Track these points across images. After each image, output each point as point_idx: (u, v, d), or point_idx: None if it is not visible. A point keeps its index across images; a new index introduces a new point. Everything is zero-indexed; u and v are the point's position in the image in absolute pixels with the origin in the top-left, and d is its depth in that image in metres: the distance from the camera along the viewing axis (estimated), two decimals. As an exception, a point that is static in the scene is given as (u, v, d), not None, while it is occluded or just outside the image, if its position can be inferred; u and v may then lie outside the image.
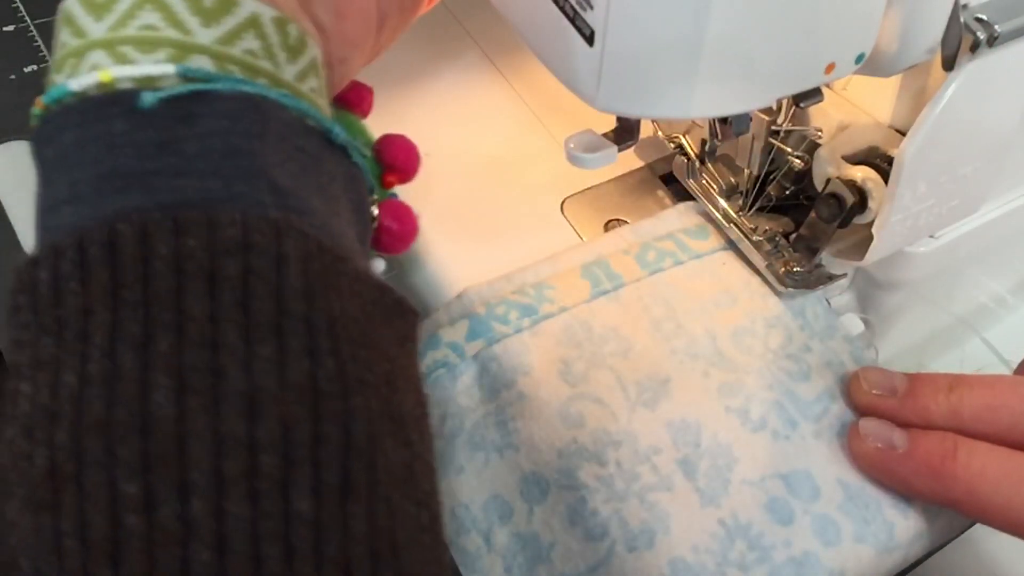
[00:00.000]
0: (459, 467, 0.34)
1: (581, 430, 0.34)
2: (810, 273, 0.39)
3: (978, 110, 0.34)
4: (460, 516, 0.34)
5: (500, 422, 0.34)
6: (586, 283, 0.38)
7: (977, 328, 0.47)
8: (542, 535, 0.33)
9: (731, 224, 0.40)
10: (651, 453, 0.34)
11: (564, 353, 0.36)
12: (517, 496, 0.34)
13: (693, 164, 0.41)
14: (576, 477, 0.33)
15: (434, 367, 0.35)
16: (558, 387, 0.35)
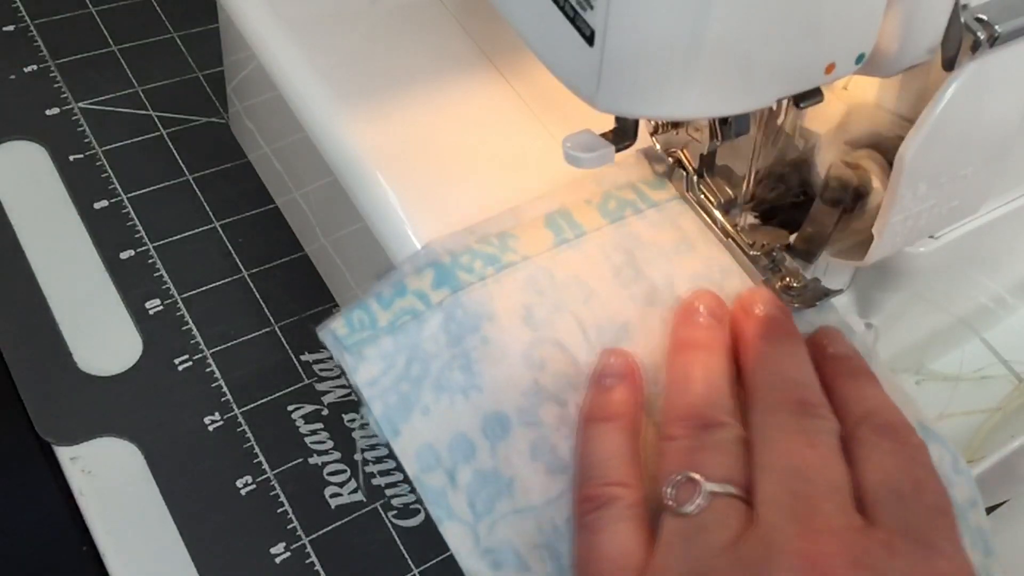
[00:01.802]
0: (425, 408, 0.35)
1: (542, 372, 0.35)
2: (806, 288, 0.39)
3: (978, 110, 0.34)
4: (425, 455, 0.34)
5: (464, 365, 0.35)
6: (549, 233, 0.39)
7: (977, 328, 0.47)
8: (503, 471, 0.34)
9: (729, 239, 0.40)
10: None
11: (527, 300, 0.37)
12: (480, 435, 0.35)
13: (691, 178, 0.41)
14: (537, 416, 0.35)
15: (401, 315, 0.36)
16: (521, 332, 0.36)
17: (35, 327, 0.47)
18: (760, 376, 0.34)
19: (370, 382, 0.35)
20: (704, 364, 0.35)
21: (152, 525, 0.41)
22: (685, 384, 0.34)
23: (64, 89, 0.56)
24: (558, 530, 0.33)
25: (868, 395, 0.34)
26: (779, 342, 0.35)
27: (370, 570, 0.42)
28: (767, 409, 0.33)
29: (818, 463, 0.31)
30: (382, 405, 0.35)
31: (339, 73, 0.43)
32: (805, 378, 0.34)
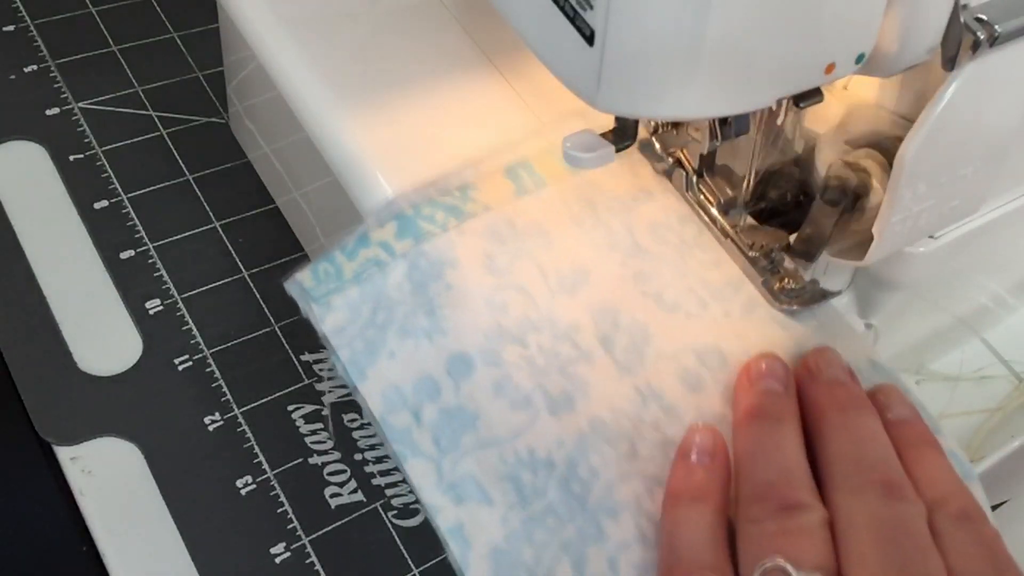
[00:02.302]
0: (390, 352, 0.36)
1: (504, 315, 0.36)
2: (805, 289, 0.39)
3: (978, 110, 0.34)
4: (390, 397, 0.35)
5: (429, 311, 0.36)
6: (509, 183, 0.39)
7: (977, 328, 0.47)
8: (468, 407, 0.35)
9: (728, 240, 0.40)
10: (571, 332, 0.36)
11: (488, 248, 0.38)
12: (444, 375, 0.35)
13: (691, 178, 0.41)
14: (500, 356, 0.35)
15: (366, 265, 0.37)
16: (483, 278, 0.37)
17: (35, 327, 0.47)
18: (839, 452, 0.33)
19: (337, 330, 0.36)
20: (777, 437, 0.33)
21: (152, 525, 0.41)
22: (760, 459, 0.33)
23: (64, 89, 0.56)
24: (521, 461, 0.34)
25: (938, 476, 0.33)
26: (854, 414, 0.34)
27: (370, 570, 0.42)
28: (851, 490, 0.32)
29: (916, 555, 0.30)
30: (349, 351, 0.36)
31: (339, 73, 0.43)
32: (887, 455, 0.33)
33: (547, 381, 0.35)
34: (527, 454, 0.34)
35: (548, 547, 0.33)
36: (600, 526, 0.33)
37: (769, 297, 0.39)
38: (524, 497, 0.33)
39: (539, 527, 0.33)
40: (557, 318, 0.37)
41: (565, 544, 0.33)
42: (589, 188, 0.40)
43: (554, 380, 0.35)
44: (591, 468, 0.34)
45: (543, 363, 0.35)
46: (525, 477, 0.34)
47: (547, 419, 0.34)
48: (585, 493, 0.33)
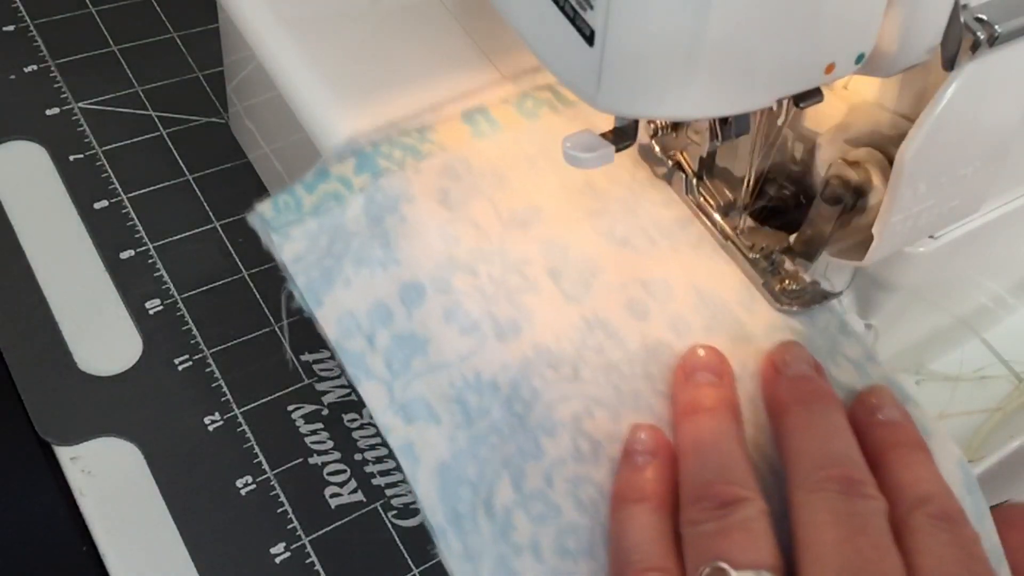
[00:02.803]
0: (346, 280, 0.37)
1: (457, 247, 0.38)
2: (805, 291, 0.39)
3: (978, 110, 0.34)
4: (346, 322, 0.36)
5: (384, 242, 0.38)
6: (466, 127, 0.41)
7: (977, 328, 0.47)
8: (419, 333, 0.36)
9: (728, 241, 0.40)
10: (521, 264, 0.38)
11: (444, 184, 0.39)
12: (397, 302, 0.37)
13: (691, 180, 0.41)
14: (451, 284, 0.37)
15: (325, 199, 0.38)
16: (437, 211, 0.38)
17: (35, 327, 0.47)
18: (799, 447, 0.33)
19: (295, 259, 0.37)
20: (713, 432, 0.33)
21: (152, 525, 0.41)
22: (697, 457, 0.33)
23: (64, 89, 0.56)
24: (468, 384, 0.35)
25: (923, 476, 0.32)
26: (819, 409, 0.34)
27: (370, 570, 0.42)
28: (811, 487, 0.31)
29: (872, 554, 0.29)
30: (306, 279, 0.37)
31: (339, 73, 0.43)
32: (849, 451, 0.32)
33: (495, 309, 0.36)
34: (474, 377, 0.35)
35: (490, 463, 0.34)
36: (538, 443, 0.34)
37: (770, 298, 0.39)
38: (469, 417, 0.35)
39: (482, 445, 0.34)
40: (508, 251, 0.38)
41: (506, 460, 0.34)
42: (543, 133, 0.41)
43: (502, 308, 0.37)
44: (533, 390, 0.35)
45: (492, 292, 0.37)
46: (471, 399, 0.35)
47: (494, 344, 0.36)
48: (526, 413, 0.35)
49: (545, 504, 0.33)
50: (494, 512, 0.33)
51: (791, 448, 0.33)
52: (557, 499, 0.33)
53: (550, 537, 0.33)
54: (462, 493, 0.34)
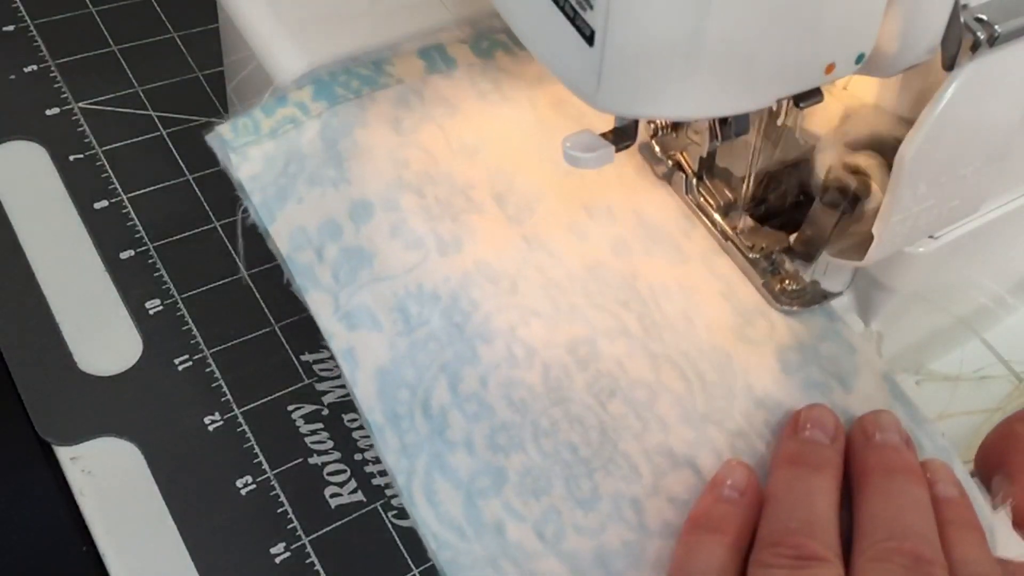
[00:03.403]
0: (299, 198, 0.39)
1: (406, 170, 0.39)
2: (805, 291, 0.39)
3: (978, 110, 0.34)
4: (297, 237, 0.38)
5: (337, 163, 0.39)
6: (421, 62, 0.43)
7: (977, 328, 0.47)
8: (366, 247, 0.38)
9: (728, 241, 0.40)
10: (467, 188, 0.39)
11: (397, 113, 0.41)
12: (347, 218, 0.38)
13: (691, 180, 0.41)
14: (398, 203, 0.38)
15: (283, 123, 0.40)
16: (389, 136, 0.40)
17: (35, 327, 0.47)
18: (875, 515, 0.32)
19: (251, 177, 0.39)
20: (809, 486, 0.33)
21: (152, 525, 0.41)
22: (786, 504, 0.32)
23: (64, 89, 0.56)
24: (410, 294, 0.37)
25: (974, 557, 0.32)
26: (901, 479, 0.33)
27: (370, 570, 0.42)
28: (876, 556, 0.30)
29: None
30: (261, 196, 0.39)
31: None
32: (924, 529, 0.31)
33: (440, 227, 0.38)
34: (416, 288, 0.37)
35: (428, 368, 0.36)
36: (475, 350, 0.36)
37: (770, 298, 0.39)
38: (410, 325, 0.37)
39: (421, 351, 0.36)
40: (455, 175, 0.40)
41: (443, 365, 0.36)
42: (496, 71, 0.43)
43: (446, 226, 0.38)
44: (472, 301, 0.37)
45: (438, 212, 0.39)
46: (412, 308, 0.37)
47: (436, 259, 0.38)
48: (464, 322, 0.37)
49: (479, 404, 0.35)
50: (431, 412, 0.35)
51: (864, 513, 0.32)
52: (491, 400, 0.35)
53: (483, 434, 0.35)
54: (400, 395, 0.36)
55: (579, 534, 0.33)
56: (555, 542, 0.33)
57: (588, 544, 0.33)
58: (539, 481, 0.34)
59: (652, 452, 0.35)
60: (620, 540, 0.33)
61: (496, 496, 0.34)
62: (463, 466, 0.34)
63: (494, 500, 0.34)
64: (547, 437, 0.35)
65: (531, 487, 0.34)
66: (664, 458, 0.35)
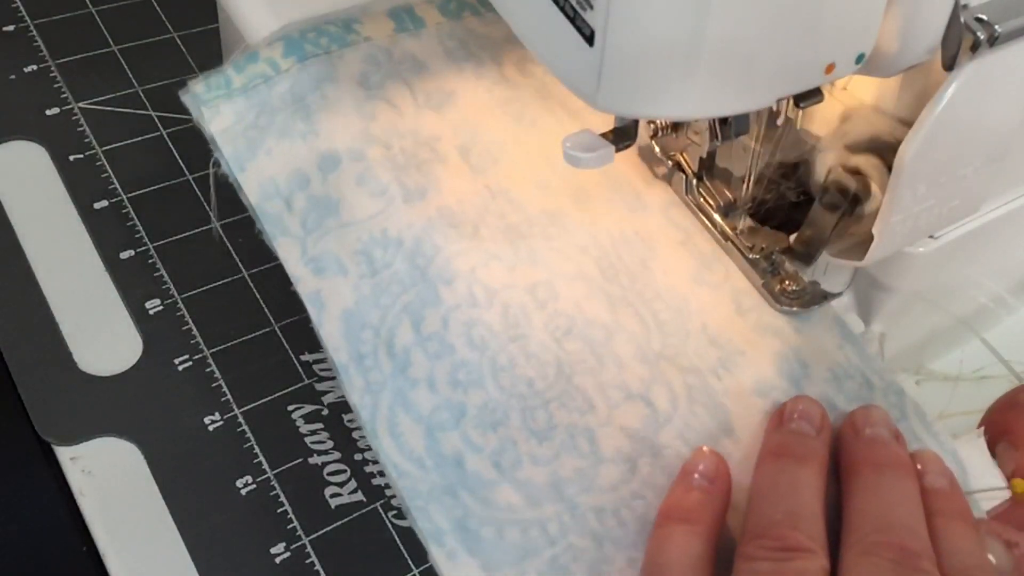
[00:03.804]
0: (268, 150, 0.40)
1: (373, 122, 0.41)
2: (805, 291, 0.39)
3: (978, 110, 0.34)
4: (266, 187, 0.40)
5: (305, 117, 0.41)
6: (391, 22, 0.44)
7: (977, 328, 0.47)
8: (333, 195, 0.39)
9: (728, 242, 0.40)
10: (432, 141, 0.41)
11: (365, 69, 0.42)
12: (314, 168, 0.40)
13: (691, 181, 0.41)
14: (364, 154, 0.40)
15: (253, 79, 0.42)
16: (356, 91, 0.41)
17: (35, 327, 0.47)
18: (863, 509, 0.32)
19: (222, 131, 0.41)
20: (794, 478, 0.33)
21: (152, 525, 0.41)
22: (771, 497, 0.32)
23: (64, 89, 0.56)
24: (374, 240, 0.38)
25: (964, 548, 0.32)
26: (890, 474, 0.33)
27: (370, 570, 0.42)
28: (864, 550, 0.30)
29: None
30: (232, 148, 0.40)
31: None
32: (913, 522, 0.31)
33: (404, 176, 0.40)
34: (380, 234, 0.38)
35: (391, 309, 0.37)
36: (437, 292, 0.37)
37: (770, 299, 0.39)
38: (374, 268, 0.38)
39: (385, 293, 0.37)
40: (420, 128, 0.41)
41: (406, 306, 0.37)
42: (464, 31, 0.44)
43: (411, 176, 0.40)
44: (434, 245, 0.38)
45: (403, 162, 0.40)
46: (377, 253, 0.38)
47: (401, 206, 0.39)
48: (427, 265, 0.38)
49: (441, 344, 0.36)
50: (394, 352, 0.36)
51: (853, 508, 0.32)
52: (452, 339, 0.36)
53: (444, 371, 0.36)
54: (365, 336, 0.37)
55: (534, 463, 0.34)
56: (511, 471, 0.34)
57: (542, 472, 0.34)
58: (496, 414, 0.35)
59: (607, 386, 0.36)
60: (573, 468, 0.34)
61: (455, 429, 0.35)
62: (424, 402, 0.36)
63: (453, 433, 0.35)
64: (505, 373, 0.36)
65: (489, 420, 0.35)
66: (618, 392, 0.36)
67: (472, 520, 0.34)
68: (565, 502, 0.34)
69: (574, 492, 0.34)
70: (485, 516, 0.34)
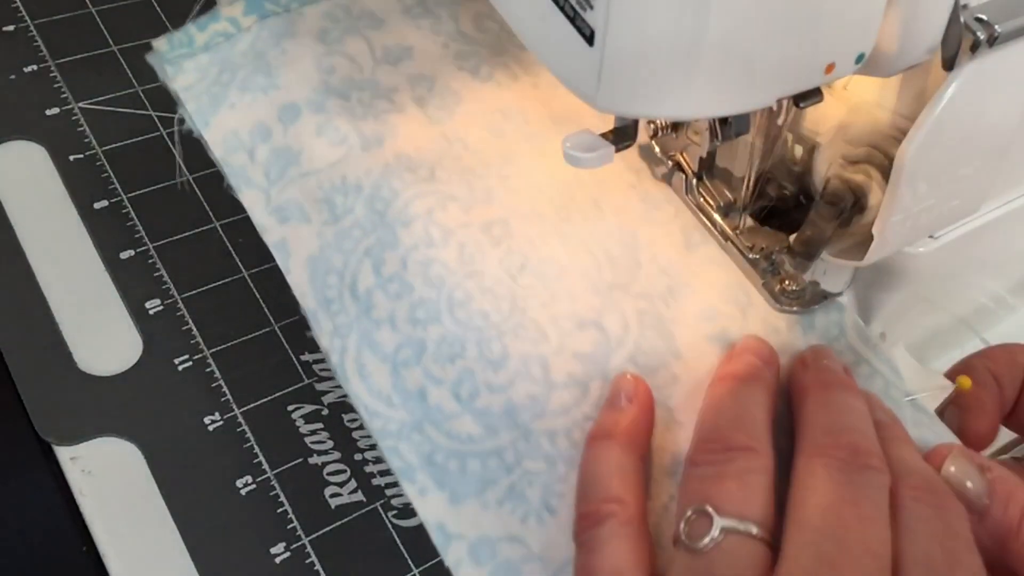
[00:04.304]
0: (231, 104, 0.41)
1: (332, 76, 0.42)
2: (805, 291, 0.39)
3: (978, 110, 0.34)
4: (230, 141, 0.41)
5: (266, 71, 0.42)
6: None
7: (977, 328, 0.47)
8: (294, 146, 0.40)
9: (728, 241, 0.40)
10: (390, 92, 0.42)
11: (324, 25, 0.43)
12: (276, 121, 0.41)
13: (690, 181, 0.41)
14: (324, 105, 0.41)
15: (215, 36, 0.43)
16: (315, 46, 0.42)
17: (35, 327, 0.47)
18: (813, 421, 0.33)
19: (186, 88, 0.42)
20: (739, 392, 0.34)
21: (152, 525, 0.41)
22: (718, 408, 0.33)
23: (64, 89, 0.56)
24: (335, 187, 0.40)
25: (907, 456, 0.33)
26: (837, 391, 0.34)
27: (370, 570, 0.42)
28: (814, 451, 0.31)
29: (856, 524, 0.29)
30: (195, 104, 0.42)
31: (339, 72, 0.43)
32: (862, 427, 0.32)
33: (363, 125, 0.41)
34: (340, 181, 0.40)
35: (354, 253, 0.38)
36: (396, 234, 0.38)
37: (770, 299, 0.39)
38: (336, 215, 0.39)
39: (347, 238, 0.39)
40: (378, 81, 0.42)
41: (367, 250, 0.38)
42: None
43: (369, 124, 0.41)
44: (392, 189, 0.39)
45: (361, 112, 0.41)
46: (338, 199, 0.39)
47: (359, 154, 0.40)
48: (385, 209, 0.39)
49: (400, 284, 0.38)
50: (358, 294, 0.38)
51: (804, 421, 0.33)
52: (410, 278, 0.38)
53: (404, 310, 0.37)
54: (330, 281, 0.38)
55: (490, 391, 0.36)
56: (469, 401, 0.36)
57: (498, 400, 0.36)
58: (454, 347, 0.36)
59: (560, 318, 0.37)
60: (527, 394, 0.36)
61: (417, 365, 0.36)
62: (388, 341, 0.37)
63: (416, 369, 0.36)
64: (461, 307, 0.37)
65: (447, 353, 0.36)
66: (570, 321, 0.37)
67: (439, 454, 0.35)
68: (520, 429, 0.35)
69: (528, 418, 0.35)
70: (450, 449, 0.35)
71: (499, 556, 0.34)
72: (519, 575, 0.33)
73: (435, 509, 0.34)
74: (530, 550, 0.34)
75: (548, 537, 0.34)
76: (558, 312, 0.37)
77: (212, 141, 0.41)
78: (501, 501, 0.34)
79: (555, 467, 0.35)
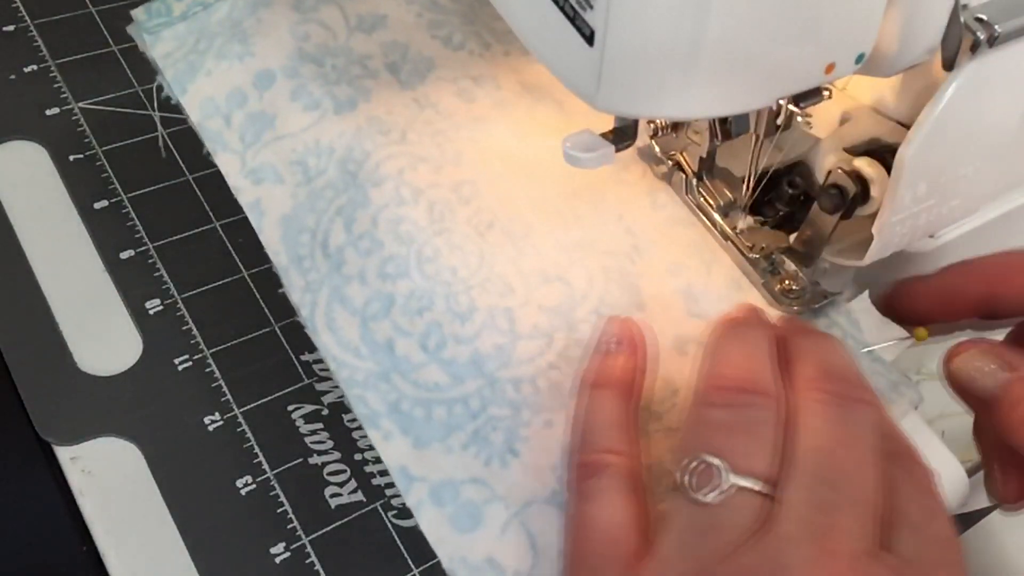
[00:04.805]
0: (208, 71, 0.43)
1: (306, 42, 0.43)
2: (805, 291, 0.39)
3: (978, 110, 0.34)
4: (206, 106, 0.42)
5: (242, 40, 0.43)
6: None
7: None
8: (268, 111, 0.42)
9: (728, 241, 0.40)
10: (364, 59, 0.43)
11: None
12: (251, 87, 0.42)
13: (691, 181, 0.41)
14: (298, 71, 0.42)
15: (193, 6, 0.44)
16: (290, 15, 0.43)
17: (35, 327, 0.47)
18: (803, 362, 0.33)
19: (164, 55, 0.43)
20: (745, 338, 0.33)
21: (152, 525, 0.41)
22: (723, 354, 0.33)
23: (64, 89, 0.56)
24: (308, 149, 0.41)
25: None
26: (821, 338, 0.34)
27: (370, 570, 0.42)
28: (808, 388, 0.31)
29: (851, 467, 0.29)
30: (173, 72, 0.43)
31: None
32: (854, 368, 0.33)
33: (336, 90, 0.42)
34: (314, 143, 0.41)
35: (326, 212, 0.39)
36: (367, 194, 0.39)
37: (770, 299, 0.39)
38: (308, 176, 0.40)
39: (319, 198, 0.40)
40: (352, 48, 0.43)
41: (339, 209, 0.39)
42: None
43: (342, 89, 0.42)
44: (364, 151, 0.40)
45: (335, 78, 0.42)
46: (311, 161, 0.40)
47: (332, 118, 0.41)
48: (357, 170, 0.40)
49: (371, 241, 0.39)
50: (329, 252, 0.39)
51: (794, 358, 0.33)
52: (380, 236, 0.38)
53: (374, 266, 0.38)
54: (302, 239, 0.39)
55: (457, 343, 0.36)
56: (436, 352, 0.36)
57: (465, 350, 0.36)
58: (422, 301, 0.37)
59: (526, 273, 0.38)
60: (493, 344, 0.36)
61: (386, 318, 0.37)
62: (358, 295, 0.38)
63: (384, 321, 0.37)
64: (430, 263, 0.38)
65: (415, 307, 0.37)
66: (537, 277, 0.38)
67: (405, 402, 0.36)
68: (486, 377, 0.36)
69: (494, 367, 0.36)
70: (416, 397, 0.36)
71: (461, 497, 0.34)
72: (481, 516, 0.34)
73: (398, 452, 0.35)
74: (493, 491, 0.34)
75: (511, 479, 0.34)
76: (525, 267, 0.38)
77: (189, 107, 0.42)
78: (465, 445, 0.35)
79: (519, 413, 0.35)
